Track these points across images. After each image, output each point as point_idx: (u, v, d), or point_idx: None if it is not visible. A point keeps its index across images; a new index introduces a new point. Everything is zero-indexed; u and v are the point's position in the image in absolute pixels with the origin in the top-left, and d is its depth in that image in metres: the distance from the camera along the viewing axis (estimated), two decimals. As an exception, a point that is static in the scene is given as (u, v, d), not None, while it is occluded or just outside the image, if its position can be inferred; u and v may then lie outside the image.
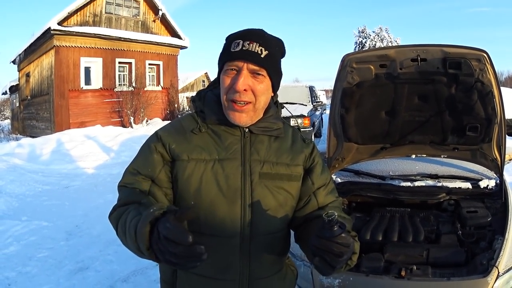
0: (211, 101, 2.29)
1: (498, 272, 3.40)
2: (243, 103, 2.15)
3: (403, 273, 3.44)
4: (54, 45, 25.71)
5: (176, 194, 2.20)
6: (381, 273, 3.56)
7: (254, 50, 2.14)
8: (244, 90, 2.12)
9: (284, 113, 2.55)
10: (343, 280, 3.45)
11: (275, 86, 2.31)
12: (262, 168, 2.24)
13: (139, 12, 30.95)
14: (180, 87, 39.19)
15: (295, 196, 2.33)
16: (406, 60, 4.31)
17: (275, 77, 2.27)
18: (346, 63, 4.49)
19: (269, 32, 2.30)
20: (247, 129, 2.27)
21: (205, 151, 2.18)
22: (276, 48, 2.27)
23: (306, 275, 3.64)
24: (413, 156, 5.36)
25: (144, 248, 1.68)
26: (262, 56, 2.16)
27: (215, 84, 2.39)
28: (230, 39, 2.22)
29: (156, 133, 2.28)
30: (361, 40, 73.11)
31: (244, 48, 2.13)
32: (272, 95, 2.34)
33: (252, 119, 2.23)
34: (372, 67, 4.48)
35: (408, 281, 3.39)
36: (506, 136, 4.67)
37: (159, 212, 1.69)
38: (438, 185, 4.91)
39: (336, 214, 1.73)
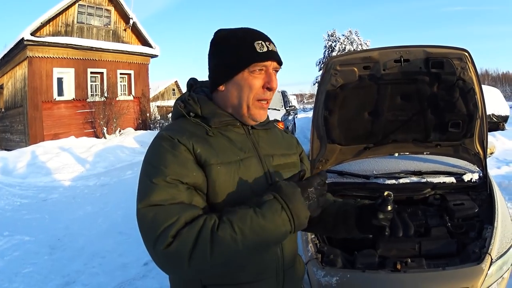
0: (208, 103, 2.24)
1: (491, 259, 3.51)
2: (266, 101, 2.22)
3: (398, 266, 3.51)
4: (27, 56, 25.28)
5: (208, 201, 2.04)
6: (377, 268, 3.62)
7: (276, 50, 2.22)
8: None
9: None
10: (341, 278, 3.49)
11: None
12: (273, 161, 2.29)
13: (110, 21, 30.61)
14: (151, 96, 39.04)
15: None
16: (389, 61, 4.41)
17: None
18: (330, 66, 4.57)
19: None
20: (250, 126, 2.30)
21: (227, 153, 2.12)
22: None
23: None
24: (396, 154, 5.46)
25: (305, 216, 1.92)
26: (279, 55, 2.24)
27: (194, 86, 2.40)
28: (248, 40, 2.19)
29: (168, 137, 2.04)
30: (331, 44, 73.18)
31: (269, 49, 2.17)
32: None
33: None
34: (355, 69, 4.56)
35: (404, 274, 3.45)
36: (488, 131, 4.79)
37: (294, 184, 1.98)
38: (422, 181, 4.98)
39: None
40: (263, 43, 2.17)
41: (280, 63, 2.23)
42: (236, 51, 2.19)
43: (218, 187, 2.03)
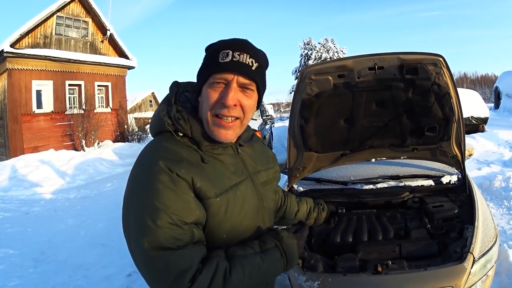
0: (197, 123, 2.11)
1: (474, 258, 3.51)
2: (231, 118, 2.06)
3: (379, 268, 3.50)
4: (7, 68, 25.05)
5: (204, 231, 2.03)
6: (358, 271, 3.62)
7: (245, 62, 2.05)
8: (234, 105, 2.03)
9: None
10: (322, 282, 3.50)
11: (260, 101, 2.25)
12: (260, 177, 2.32)
13: (87, 32, 30.47)
14: (128, 108, 38.85)
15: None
16: (363, 69, 4.45)
17: (263, 91, 2.21)
18: (305, 76, 4.60)
19: None
20: (238, 144, 2.26)
21: (223, 181, 2.08)
22: (263, 59, 2.18)
23: (283, 281, 3.65)
24: (373, 160, 5.48)
25: (296, 263, 2.25)
26: (253, 68, 2.07)
27: (179, 91, 2.24)
28: (216, 49, 2.08)
29: (167, 169, 1.92)
30: (307, 52, 72.34)
31: (234, 59, 2.02)
32: (255, 110, 2.24)
33: (237, 136, 2.18)
34: (330, 78, 4.59)
35: (386, 276, 3.46)
36: (465, 133, 4.84)
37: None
38: (400, 185, 5.00)
39: None
40: (230, 52, 2.04)
41: (249, 77, 2.07)
42: (203, 62, 2.15)
43: (218, 219, 2.05)
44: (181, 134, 2.09)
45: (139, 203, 1.91)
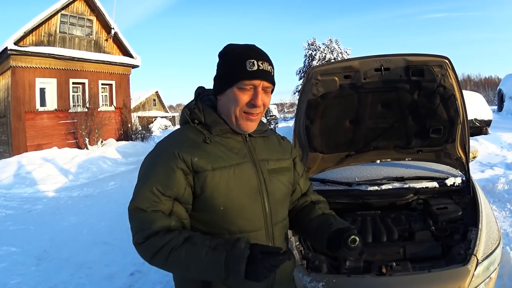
0: (212, 113, 2.46)
1: (477, 260, 3.52)
2: (253, 114, 2.38)
3: (384, 270, 3.52)
4: (11, 66, 25.05)
5: (202, 204, 2.32)
6: (362, 273, 3.63)
7: (268, 70, 2.39)
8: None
9: None
10: (327, 283, 3.51)
11: None
12: (268, 165, 2.49)
13: (92, 31, 30.47)
14: (132, 107, 38.83)
15: (291, 185, 2.67)
16: (370, 70, 4.46)
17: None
18: (311, 76, 4.61)
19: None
20: (247, 134, 2.50)
21: (223, 159, 2.35)
22: (272, 64, 2.49)
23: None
24: (378, 161, 5.49)
25: (240, 275, 2.04)
26: (272, 74, 2.43)
27: (202, 94, 2.60)
28: (241, 58, 2.37)
29: (171, 150, 2.30)
30: (311, 53, 71.94)
31: (260, 68, 2.35)
32: None
33: (256, 126, 2.49)
34: (336, 79, 4.60)
35: (390, 277, 3.47)
36: (469, 135, 4.83)
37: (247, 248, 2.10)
38: (405, 186, 4.98)
39: (358, 240, 2.35)
40: (255, 61, 2.35)
41: (270, 82, 2.40)
42: (229, 67, 2.40)
43: (212, 190, 2.29)
44: (197, 122, 2.45)
45: (140, 171, 2.37)
